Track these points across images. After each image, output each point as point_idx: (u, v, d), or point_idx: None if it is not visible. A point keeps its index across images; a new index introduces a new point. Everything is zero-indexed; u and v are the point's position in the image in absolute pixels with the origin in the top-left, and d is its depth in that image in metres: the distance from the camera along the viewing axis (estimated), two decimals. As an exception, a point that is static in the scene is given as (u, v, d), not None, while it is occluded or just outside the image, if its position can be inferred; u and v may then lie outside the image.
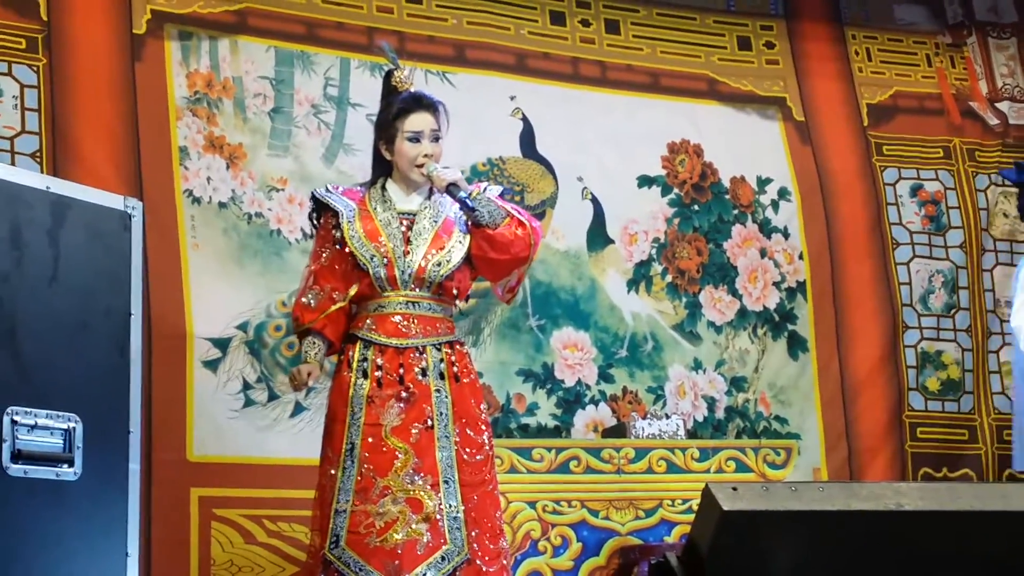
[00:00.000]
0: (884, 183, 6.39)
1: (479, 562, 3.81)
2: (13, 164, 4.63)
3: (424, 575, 3.73)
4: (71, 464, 3.67)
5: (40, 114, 4.86)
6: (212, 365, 5.01)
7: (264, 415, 5.06)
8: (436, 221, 4.01)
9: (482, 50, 5.83)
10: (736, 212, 6.11)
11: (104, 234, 3.90)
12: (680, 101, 6.18)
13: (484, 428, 3.96)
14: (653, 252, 5.93)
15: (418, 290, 3.95)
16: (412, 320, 3.94)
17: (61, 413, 3.66)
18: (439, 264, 3.95)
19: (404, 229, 3.99)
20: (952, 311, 6.33)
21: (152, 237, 4.71)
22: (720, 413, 5.84)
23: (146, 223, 4.12)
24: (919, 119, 6.54)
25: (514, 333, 5.58)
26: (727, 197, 6.11)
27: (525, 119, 5.82)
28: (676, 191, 6.03)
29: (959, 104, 6.60)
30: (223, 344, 5.04)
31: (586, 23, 6.09)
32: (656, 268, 5.91)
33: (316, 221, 4.12)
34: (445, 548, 3.77)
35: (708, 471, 5.14)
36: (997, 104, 6.65)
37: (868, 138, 6.43)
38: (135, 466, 3.88)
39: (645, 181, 6.00)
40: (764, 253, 6.11)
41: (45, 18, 4.96)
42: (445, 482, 3.82)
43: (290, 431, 5.07)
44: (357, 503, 3.79)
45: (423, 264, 3.94)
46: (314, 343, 4.00)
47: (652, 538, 5.05)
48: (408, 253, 3.95)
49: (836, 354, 6.09)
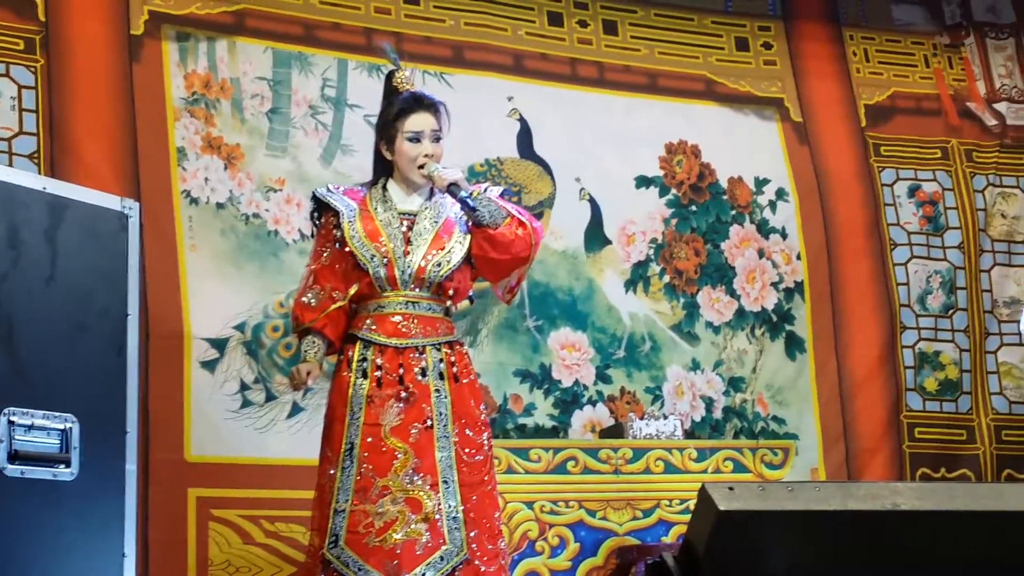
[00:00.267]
0: (882, 184, 6.38)
1: (478, 562, 3.81)
2: (11, 165, 4.63)
3: (423, 575, 3.73)
4: (68, 464, 3.67)
5: (38, 115, 4.86)
6: (210, 366, 5.01)
7: (262, 415, 5.06)
8: (437, 221, 4.01)
9: (479, 51, 5.83)
10: (734, 213, 6.11)
11: (101, 235, 3.91)
12: (678, 102, 6.18)
13: (483, 428, 3.95)
14: (651, 253, 5.93)
15: (418, 290, 3.95)
16: (412, 320, 3.94)
17: (58, 413, 3.66)
18: (439, 264, 3.95)
19: (405, 229, 3.99)
20: (950, 311, 6.33)
21: (150, 238, 4.72)
22: (718, 413, 5.84)
23: (144, 224, 4.12)
24: (917, 120, 6.54)
25: (511, 334, 5.58)
26: (725, 198, 6.11)
27: (523, 120, 5.82)
28: (674, 192, 6.03)
29: (957, 105, 6.60)
30: (220, 345, 5.04)
31: (584, 24, 6.09)
32: (654, 269, 5.91)
33: (317, 221, 4.12)
34: (444, 548, 3.77)
35: (706, 471, 5.13)
36: (995, 105, 6.65)
37: (866, 139, 6.43)
38: (132, 466, 3.89)
39: (643, 182, 6.00)
40: (762, 254, 6.11)
41: (43, 19, 4.97)
42: (444, 482, 3.82)
43: (287, 431, 5.07)
44: (356, 503, 3.78)
45: (423, 264, 3.94)
46: (314, 343, 3.99)
47: (650, 538, 5.04)
48: (408, 253, 3.95)
49: (834, 354, 6.09)
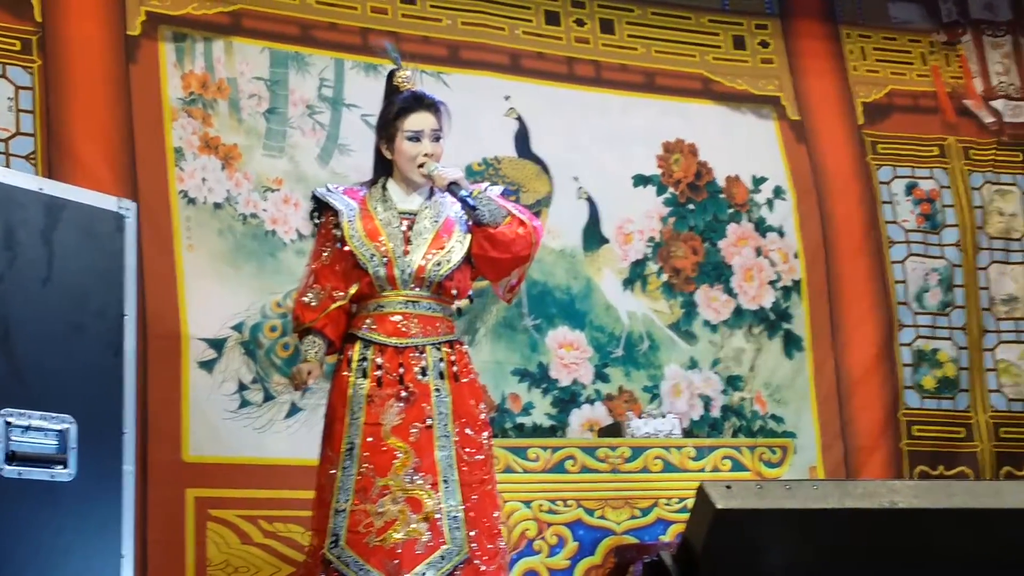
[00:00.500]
0: (879, 181, 6.38)
1: (478, 562, 3.81)
2: (8, 166, 4.62)
3: (423, 574, 3.73)
4: (65, 465, 3.67)
5: (35, 116, 4.86)
6: (208, 366, 5.00)
7: (260, 416, 5.06)
8: (437, 221, 4.00)
9: (476, 50, 5.82)
10: (731, 211, 6.11)
11: (98, 235, 3.90)
12: (675, 100, 6.18)
13: (484, 427, 3.95)
14: (648, 251, 5.92)
15: (418, 289, 3.95)
16: (412, 319, 3.93)
17: (55, 414, 3.66)
18: (439, 264, 3.94)
19: (404, 229, 3.98)
20: (948, 309, 6.33)
21: (147, 238, 4.72)
22: (716, 412, 5.84)
23: (141, 224, 4.13)
24: (914, 117, 6.54)
25: (510, 333, 5.58)
26: (722, 196, 6.11)
27: (520, 119, 5.82)
28: (671, 190, 6.03)
29: (954, 102, 6.60)
30: (218, 345, 5.04)
31: (581, 23, 6.09)
32: (652, 267, 5.91)
33: (316, 220, 4.12)
34: (444, 547, 3.77)
35: (704, 470, 5.12)
36: (992, 102, 6.65)
37: (863, 136, 6.43)
38: (129, 467, 3.89)
39: (640, 180, 6.00)
40: (759, 252, 6.11)
41: (39, 19, 4.96)
42: (444, 481, 3.82)
43: (286, 431, 5.07)
44: (357, 502, 3.78)
45: (423, 264, 3.93)
46: (314, 342, 3.98)
47: (648, 537, 5.04)
48: (408, 253, 3.94)
49: (832, 352, 6.09)
